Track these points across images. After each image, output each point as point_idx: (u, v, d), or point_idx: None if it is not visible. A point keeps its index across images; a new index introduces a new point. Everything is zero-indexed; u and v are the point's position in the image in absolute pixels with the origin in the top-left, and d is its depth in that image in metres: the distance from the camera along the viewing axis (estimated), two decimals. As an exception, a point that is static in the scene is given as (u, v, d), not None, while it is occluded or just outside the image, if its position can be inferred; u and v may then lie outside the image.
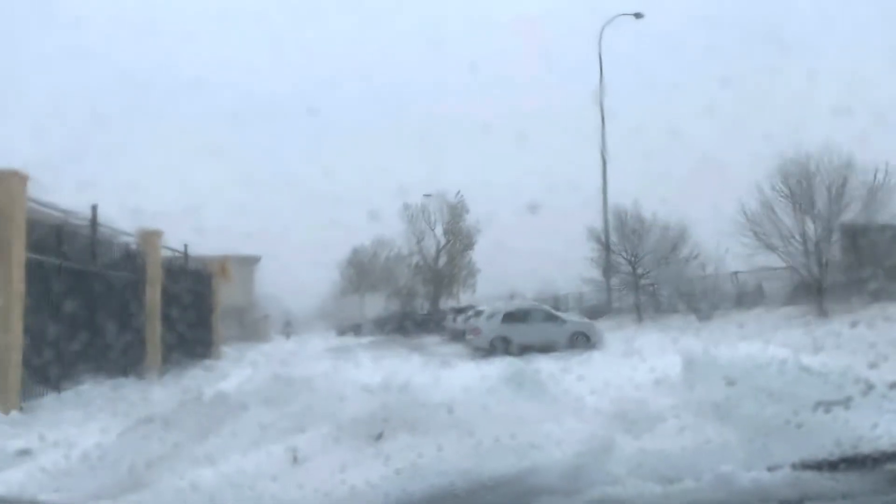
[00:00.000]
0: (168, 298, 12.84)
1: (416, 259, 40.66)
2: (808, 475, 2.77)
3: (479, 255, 39.32)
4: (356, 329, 34.63)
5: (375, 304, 38.27)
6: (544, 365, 4.36)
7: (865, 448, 2.86)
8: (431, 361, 12.66)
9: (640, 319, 24.02)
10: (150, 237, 12.69)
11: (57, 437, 4.91)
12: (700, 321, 19.52)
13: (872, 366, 3.50)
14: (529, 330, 17.50)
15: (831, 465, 2.81)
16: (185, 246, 15.14)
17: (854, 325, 11.30)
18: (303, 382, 3.98)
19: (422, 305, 39.78)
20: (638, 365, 4.18)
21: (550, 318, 18.69)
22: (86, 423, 6.06)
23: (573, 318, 20.27)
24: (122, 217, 11.71)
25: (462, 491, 2.80)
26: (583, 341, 17.27)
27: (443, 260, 40.18)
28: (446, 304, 37.48)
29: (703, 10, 48.34)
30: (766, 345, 3.38)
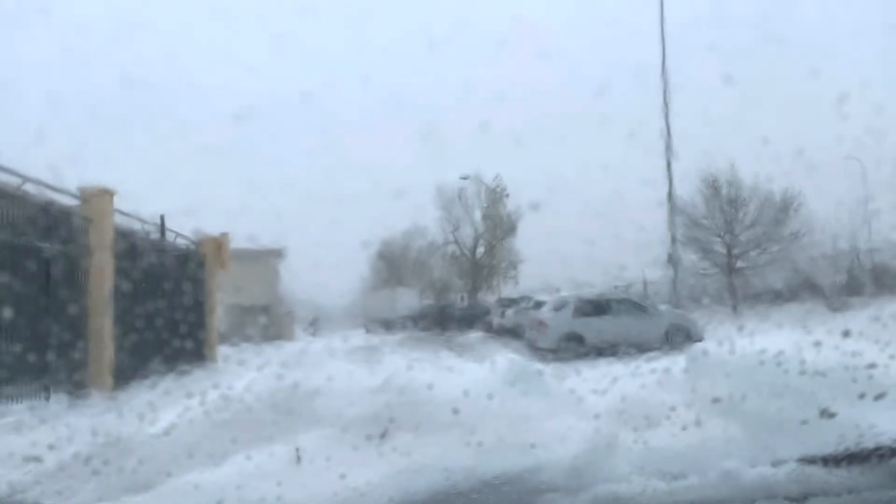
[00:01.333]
0: (131, 285, 9.05)
1: (451, 249, 37.03)
2: (813, 470, 2.77)
3: (521, 243, 34.81)
4: (387, 325, 30.50)
5: (408, 299, 35.28)
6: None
7: (869, 444, 2.86)
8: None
9: (735, 309, 19.70)
10: (96, 198, 8.72)
11: None
12: (833, 310, 15.16)
13: None
14: (611, 325, 13.37)
15: (835, 461, 2.81)
16: (162, 218, 11.18)
17: None
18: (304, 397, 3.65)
19: (461, 298, 36.21)
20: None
21: (638, 309, 14.72)
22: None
23: (666, 309, 16.18)
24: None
25: (465, 490, 2.79)
26: (681, 338, 12.93)
27: (481, 249, 36.51)
28: (486, 297, 34.19)
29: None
30: (773, 340, 3.37)
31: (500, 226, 35.51)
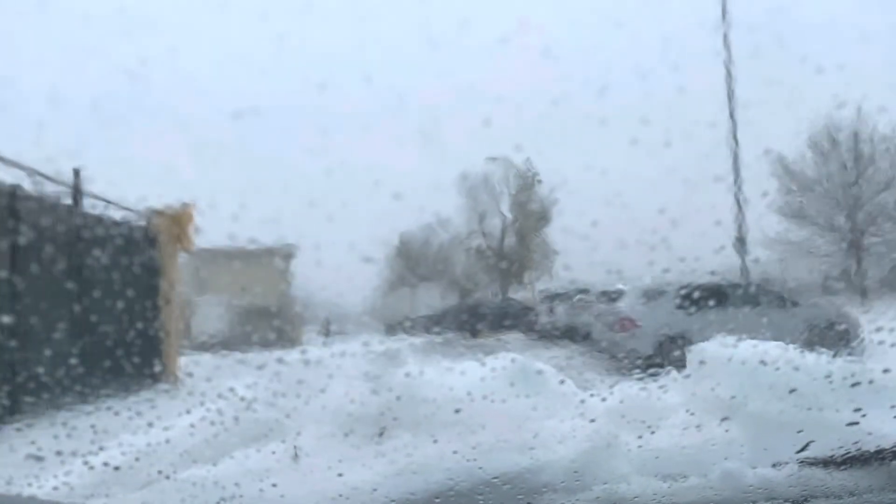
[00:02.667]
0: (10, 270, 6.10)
1: (477, 242, 33.01)
2: (815, 472, 2.76)
3: (555, 233, 30.15)
4: (407, 327, 26.53)
5: (430, 297, 32.48)
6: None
7: (872, 445, 2.85)
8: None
9: (863, 296, 15.23)
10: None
11: None
12: None
13: None
14: (731, 320, 7.75)
15: (837, 463, 2.80)
16: (77, 172, 7.99)
17: None
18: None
19: (494, 294, 32.10)
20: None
21: (771, 298, 10.83)
22: None
23: (814, 301, 12.48)
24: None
25: (465, 490, 2.78)
26: (834, 338, 9.56)
27: (510, 240, 32.42)
28: (516, 293, 30.79)
29: None
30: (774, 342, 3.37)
31: (532, 214, 31.18)
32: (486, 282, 33.84)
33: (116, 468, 3.30)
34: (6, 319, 5.75)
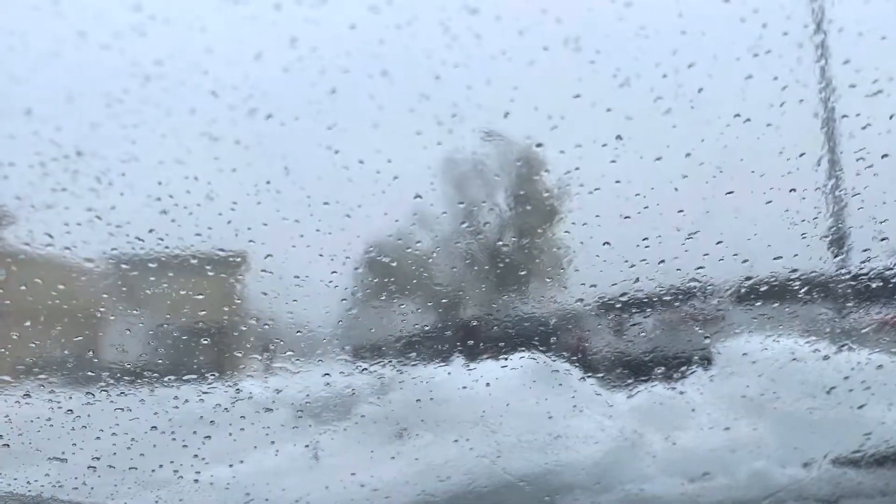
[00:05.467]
0: None
1: (467, 243, 29.80)
2: (846, 472, 2.70)
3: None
4: (375, 351, 24.55)
5: (407, 314, 31.64)
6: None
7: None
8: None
9: None
10: None
11: None
12: None
13: None
14: None
15: (869, 462, 2.74)
16: None
17: None
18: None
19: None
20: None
21: None
22: None
23: None
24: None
25: (486, 490, 2.75)
26: None
27: (511, 239, 27.13)
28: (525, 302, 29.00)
29: None
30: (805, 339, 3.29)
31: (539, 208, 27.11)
32: (476, 292, 33.07)
33: (133, 468, 3.29)
34: None
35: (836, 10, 3.17)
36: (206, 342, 3.44)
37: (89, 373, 3.37)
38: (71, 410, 3.07)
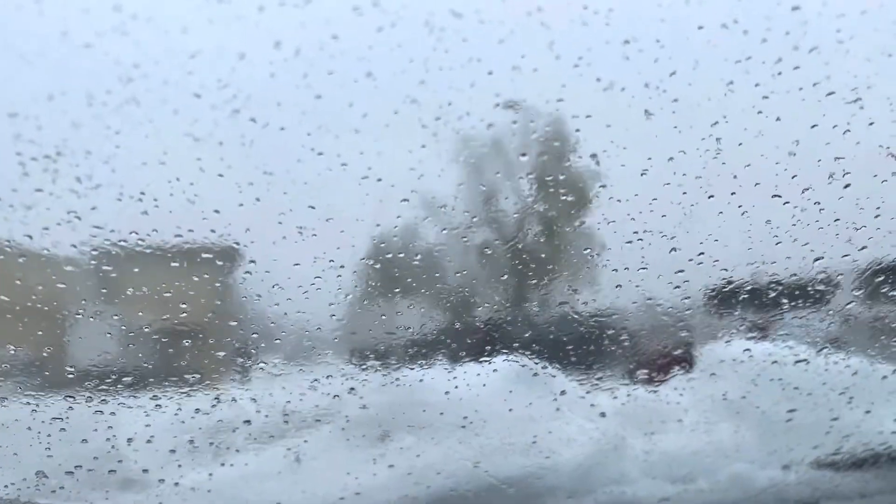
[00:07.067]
0: None
1: (481, 235, 24.59)
2: (825, 474, 2.73)
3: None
4: (359, 354, 22.72)
5: (392, 317, 30.37)
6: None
7: (883, 447, 2.81)
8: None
9: None
10: None
11: None
12: None
13: None
14: None
15: (848, 465, 2.77)
16: None
17: None
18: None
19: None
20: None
21: None
22: None
23: None
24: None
25: (469, 494, 2.75)
26: None
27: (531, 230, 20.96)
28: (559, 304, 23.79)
29: None
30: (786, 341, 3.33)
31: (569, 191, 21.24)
32: (488, 292, 31.11)
33: (113, 472, 3.25)
34: None
35: (819, 20, 3.21)
36: (187, 345, 3.41)
37: (69, 376, 3.35)
38: (49, 415, 3.06)
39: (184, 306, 3.48)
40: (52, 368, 3.37)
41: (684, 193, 3.30)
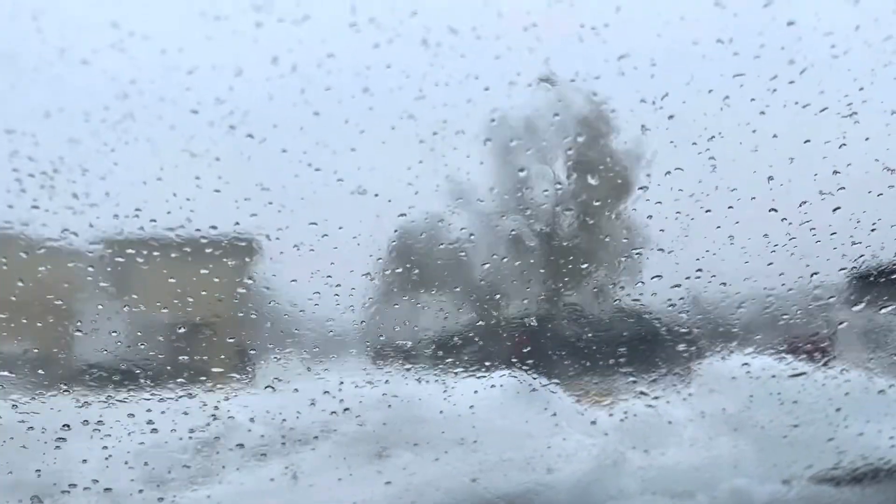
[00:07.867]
0: None
1: (511, 224, 20.98)
2: (825, 489, 2.73)
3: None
4: (357, 370, 20.74)
5: (435, 313, 28.59)
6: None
7: (883, 461, 2.81)
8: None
9: None
10: None
11: None
12: None
13: None
14: None
15: (848, 479, 2.76)
16: None
17: None
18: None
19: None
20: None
21: None
22: None
23: None
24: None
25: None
26: None
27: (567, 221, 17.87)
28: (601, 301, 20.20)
29: None
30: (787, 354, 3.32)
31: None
32: (520, 287, 27.67)
33: (108, 489, 3.23)
34: None
35: (813, 35, 3.24)
36: (184, 361, 3.40)
37: (64, 391, 3.33)
38: (44, 430, 3.04)
39: (182, 320, 3.49)
40: (43, 382, 3.36)
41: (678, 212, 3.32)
